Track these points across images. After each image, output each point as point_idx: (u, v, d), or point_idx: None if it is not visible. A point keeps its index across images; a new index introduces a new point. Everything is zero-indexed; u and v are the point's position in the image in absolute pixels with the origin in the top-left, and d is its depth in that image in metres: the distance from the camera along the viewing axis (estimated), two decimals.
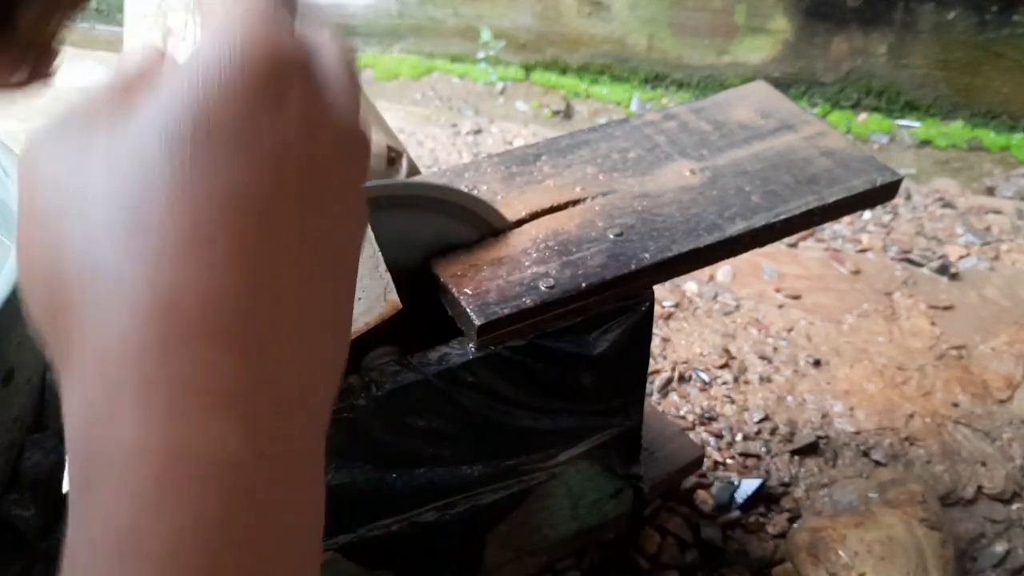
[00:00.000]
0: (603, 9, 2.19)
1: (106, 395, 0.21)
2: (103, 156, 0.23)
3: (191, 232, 0.22)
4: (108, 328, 0.21)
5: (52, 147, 0.24)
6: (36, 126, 0.25)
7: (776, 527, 1.09)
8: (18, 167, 0.25)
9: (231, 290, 0.22)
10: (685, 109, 0.89)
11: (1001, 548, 1.08)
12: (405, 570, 0.79)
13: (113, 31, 2.50)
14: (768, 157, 0.83)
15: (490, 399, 0.71)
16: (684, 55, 2.20)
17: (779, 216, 0.76)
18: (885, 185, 0.81)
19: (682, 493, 1.11)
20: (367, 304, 0.61)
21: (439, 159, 1.95)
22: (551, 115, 2.22)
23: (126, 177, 0.22)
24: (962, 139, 2.03)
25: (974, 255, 1.60)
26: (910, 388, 1.30)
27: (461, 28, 2.33)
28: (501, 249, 0.71)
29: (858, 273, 1.54)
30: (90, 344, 0.21)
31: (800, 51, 2.10)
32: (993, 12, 1.92)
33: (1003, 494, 1.14)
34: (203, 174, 0.22)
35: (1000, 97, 2.01)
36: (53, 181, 0.24)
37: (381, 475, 0.70)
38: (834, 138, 0.86)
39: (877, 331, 1.41)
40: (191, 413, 0.21)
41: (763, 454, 1.19)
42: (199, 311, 0.21)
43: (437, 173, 0.82)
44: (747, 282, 1.51)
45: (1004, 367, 1.34)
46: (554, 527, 0.87)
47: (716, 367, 1.32)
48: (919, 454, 1.20)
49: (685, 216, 0.76)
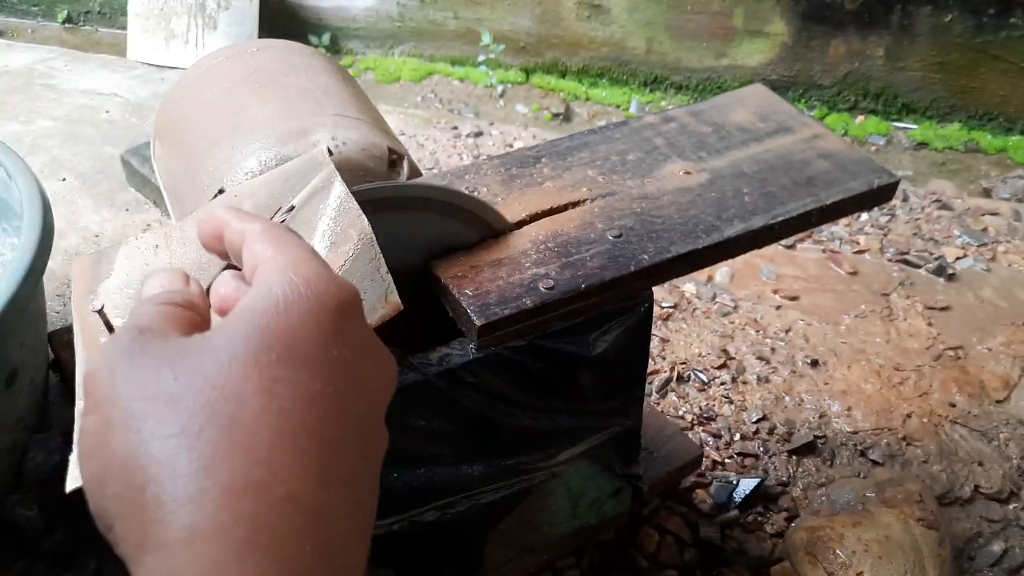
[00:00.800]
0: (602, 12, 2.20)
1: (199, 569, 0.23)
2: (184, 368, 0.26)
3: (279, 430, 0.25)
4: (198, 513, 0.24)
5: (123, 360, 0.27)
6: (107, 345, 0.28)
7: (774, 526, 1.09)
8: (86, 377, 0.28)
9: (312, 481, 0.26)
10: (684, 111, 0.90)
11: (998, 547, 1.08)
12: (406, 569, 0.79)
13: (115, 34, 2.50)
14: (766, 159, 0.83)
15: (490, 399, 0.72)
16: (683, 58, 2.21)
17: (777, 218, 0.77)
18: (882, 187, 0.81)
19: (681, 492, 1.11)
20: (368, 305, 0.62)
21: (440, 161, 1.95)
22: (551, 117, 2.23)
23: (214, 384, 0.26)
24: (959, 141, 2.04)
25: (971, 256, 1.61)
26: (907, 388, 1.31)
27: (461, 31, 2.34)
28: (501, 250, 0.72)
29: (855, 274, 1.55)
30: (178, 524, 0.24)
31: (798, 54, 2.11)
32: (990, 14, 1.93)
33: (1000, 494, 1.15)
34: (288, 384, 0.26)
35: (997, 99, 2.02)
36: (131, 389, 0.26)
37: (382, 475, 0.70)
38: (831, 140, 0.86)
39: (874, 332, 1.42)
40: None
41: (761, 454, 1.19)
42: (287, 496, 0.25)
43: (438, 175, 0.83)
44: (745, 283, 1.52)
45: (1001, 367, 1.35)
46: (554, 526, 0.88)
47: (714, 367, 1.33)
48: (916, 454, 1.21)
49: (684, 218, 0.76)
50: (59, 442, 1.00)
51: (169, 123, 0.77)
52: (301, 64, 0.76)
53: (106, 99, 2.12)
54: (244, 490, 0.24)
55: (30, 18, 2.57)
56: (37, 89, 2.16)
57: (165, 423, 0.25)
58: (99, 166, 1.83)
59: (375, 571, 0.78)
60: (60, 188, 1.75)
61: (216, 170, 0.68)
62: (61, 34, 2.54)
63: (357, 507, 0.28)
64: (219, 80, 0.74)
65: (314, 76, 0.75)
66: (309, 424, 0.26)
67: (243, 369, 0.26)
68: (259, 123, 0.69)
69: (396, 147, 0.72)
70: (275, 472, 0.25)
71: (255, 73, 0.74)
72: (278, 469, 0.25)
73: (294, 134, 0.67)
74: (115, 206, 1.71)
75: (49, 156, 1.86)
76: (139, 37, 2.33)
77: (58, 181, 1.77)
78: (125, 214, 1.69)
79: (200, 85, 0.75)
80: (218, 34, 2.26)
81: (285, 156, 0.65)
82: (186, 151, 0.72)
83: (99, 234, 1.63)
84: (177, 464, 0.24)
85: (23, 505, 0.96)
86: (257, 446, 0.25)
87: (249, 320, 0.27)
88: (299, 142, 0.66)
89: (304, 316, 0.27)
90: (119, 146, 1.85)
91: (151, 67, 2.30)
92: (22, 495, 0.97)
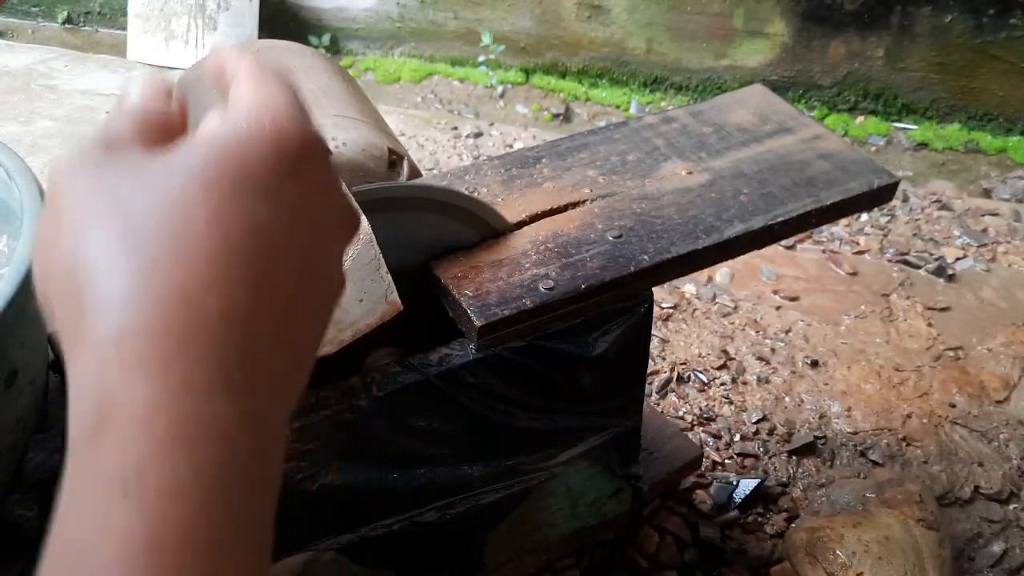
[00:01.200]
0: (602, 13, 2.20)
1: (124, 364, 0.25)
2: (139, 182, 0.28)
3: (220, 251, 0.27)
4: (131, 313, 0.25)
5: (83, 169, 0.29)
6: (69, 151, 0.30)
7: (774, 527, 1.09)
8: (49, 180, 0.30)
9: (243, 303, 0.27)
10: (683, 112, 0.90)
11: (998, 548, 1.08)
12: (406, 569, 0.79)
13: (115, 34, 2.50)
14: (766, 160, 0.83)
15: (490, 399, 0.72)
16: (683, 58, 2.21)
17: (777, 218, 0.77)
18: (882, 187, 0.81)
19: (681, 493, 1.11)
20: (369, 305, 0.62)
21: (440, 162, 1.95)
22: (551, 118, 2.23)
23: (165, 200, 0.27)
24: (959, 141, 2.04)
25: (971, 257, 1.61)
26: (907, 389, 1.31)
27: (461, 32, 2.34)
28: (501, 251, 0.72)
29: (855, 275, 1.55)
30: (109, 322, 0.25)
31: (798, 55, 2.11)
32: (990, 15, 1.93)
33: (1000, 494, 1.15)
34: (235, 211, 0.27)
35: (997, 100, 2.02)
36: (84, 197, 0.28)
37: (382, 475, 0.70)
38: (831, 141, 0.86)
39: (874, 332, 1.42)
40: (200, 390, 0.25)
41: (761, 454, 1.19)
42: (218, 314, 0.26)
43: (438, 176, 0.83)
44: (745, 284, 1.52)
45: (1001, 368, 1.35)
46: (554, 526, 0.87)
47: (714, 368, 1.33)
48: (916, 454, 1.21)
49: (684, 218, 0.76)
50: (59, 442, 1.00)
51: None
52: (301, 65, 0.76)
53: (106, 99, 2.12)
54: (179, 300, 0.26)
55: (30, 19, 2.57)
56: (37, 90, 2.16)
57: (111, 230, 0.27)
58: None
59: (376, 571, 0.78)
60: None
61: None
62: (61, 35, 2.54)
63: (291, 339, 0.30)
64: None
65: (314, 77, 0.75)
66: (249, 250, 0.27)
67: (195, 191, 0.27)
68: None
69: (396, 147, 0.72)
70: (210, 289, 0.26)
71: None
72: (214, 286, 0.26)
73: None
74: None
75: (49, 156, 1.86)
76: (139, 38, 2.33)
77: None
78: None
79: None
80: (218, 35, 2.26)
81: None
82: None
83: None
84: (116, 266, 0.26)
85: (23, 506, 0.96)
86: (197, 263, 0.26)
87: (210, 145, 0.28)
88: None
89: (263, 150, 0.28)
90: None
91: (151, 68, 2.30)
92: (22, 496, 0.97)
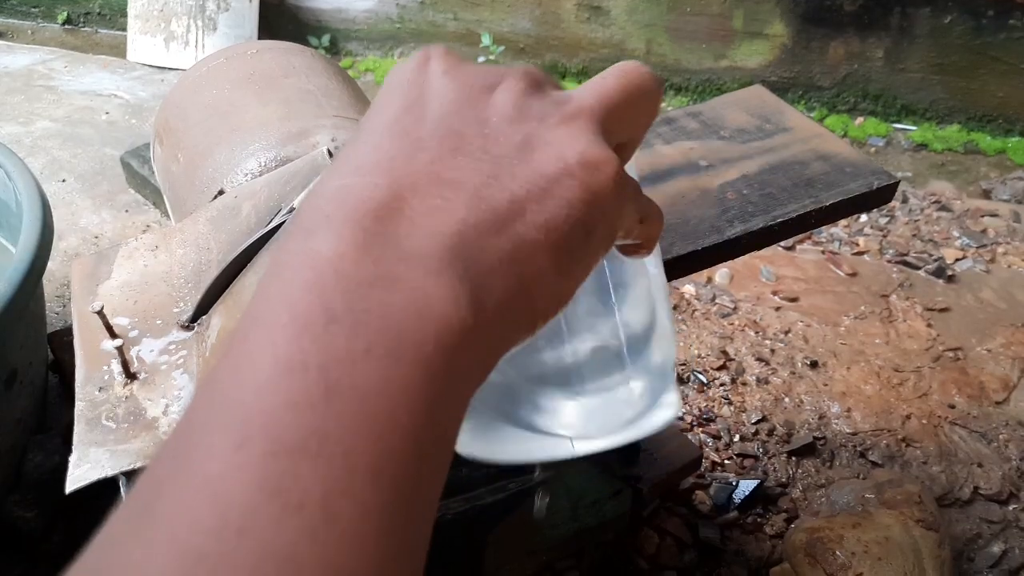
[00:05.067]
0: (602, 14, 2.20)
1: (313, 221, 0.25)
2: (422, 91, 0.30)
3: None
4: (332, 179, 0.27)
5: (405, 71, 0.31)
6: (438, 54, 0.31)
7: (774, 527, 1.10)
8: (449, 59, 0.31)
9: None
10: (683, 113, 0.90)
11: (998, 548, 1.08)
12: None
13: (115, 35, 2.50)
14: (765, 160, 0.83)
15: None
16: (682, 59, 2.21)
17: (776, 219, 0.77)
18: (882, 188, 0.81)
19: (680, 494, 1.11)
20: None
21: None
22: None
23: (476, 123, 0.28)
24: (958, 142, 2.04)
25: (970, 258, 1.61)
26: (907, 390, 1.31)
27: (461, 33, 2.34)
28: None
29: (855, 275, 1.55)
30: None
31: (797, 55, 2.12)
32: (990, 16, 1.93)
33: (999, 495, 1.15)
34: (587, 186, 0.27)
35: (996, 100, 2.02)
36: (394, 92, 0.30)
37: None
38: (831, 142, 0.86)
39: (874, 333, 1.42)
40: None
41: (760, 455, 1.19)
42: (394, 196, 0.26)
43: None
44: (745, 284, 1.52)
45: (1000, 369, 1.35)
46: (554, 528, 0.88)
47: (714, 369, 1.33)
48: (916, 455, 1.21)
49: (683, 219, 0.76)
50: (59, 443, 1.00)
51: (169, 124, 0.77)
52: (301, 65, 0.76)
53: (106, 100, 2.12)
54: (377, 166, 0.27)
55: (30, 19, 2.57)
56: (37, 90, 2.16)
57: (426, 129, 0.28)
58: (99, 167, 1.83)
59: None
60: (60, 189, 1.75)
61: (216, 171, 0.68)
62: (61, 35, 2.54)
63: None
64: (219, 81, 0.74)
65: (314, 77, 0.75)
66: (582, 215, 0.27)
67: (575, 144, 0.28)
68: (259, 124, 0.69)
69: None
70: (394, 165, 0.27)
71: (255, 75, 0.74)
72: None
73: (294, 135, 0.67)
74: (115, 207, 1.71)
75: (49, 157, 1.86)
76: (139, 38, 2.33)
77: (58, 182, 1.77)
78: (125, 215, 1.69)
79: (200, 86, 0.76)
80: (218, 36, 2.26)
81: (285, 157, 0.65)
82: (186, 152, 0.73)
83: (99, 235, 1.63)
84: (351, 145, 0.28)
85: (23, 506, 0.96)
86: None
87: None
88: (299, 143, 0.66)
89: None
90: (119, 147, 1.85)
91: (151, 68, 2.30)
92: (22, 496, 0.97)
